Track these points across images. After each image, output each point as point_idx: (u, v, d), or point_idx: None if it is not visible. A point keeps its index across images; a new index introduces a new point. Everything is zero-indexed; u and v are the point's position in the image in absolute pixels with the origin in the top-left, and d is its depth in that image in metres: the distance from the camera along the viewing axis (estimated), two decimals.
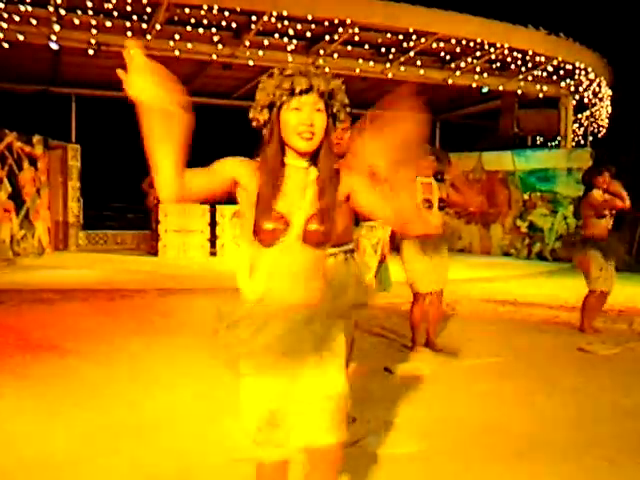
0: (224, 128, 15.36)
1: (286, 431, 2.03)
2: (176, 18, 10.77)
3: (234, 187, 2.01)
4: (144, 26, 10.78)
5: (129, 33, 10.76)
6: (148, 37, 10.86)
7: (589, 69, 14.15)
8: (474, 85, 13.89)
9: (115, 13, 10.51)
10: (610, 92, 16.11)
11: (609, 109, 16.90)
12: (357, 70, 12.47)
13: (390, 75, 12.93)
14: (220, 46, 11.41)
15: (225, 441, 3.43)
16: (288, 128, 1.95)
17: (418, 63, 12.89)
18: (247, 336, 1.94)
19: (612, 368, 5.22)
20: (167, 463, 3.21)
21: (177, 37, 11.08)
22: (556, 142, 16.04)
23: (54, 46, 10.72)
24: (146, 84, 1.82)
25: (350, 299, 2.08)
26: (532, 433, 3.73)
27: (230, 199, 2.08)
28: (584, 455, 3.40)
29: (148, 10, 10.38)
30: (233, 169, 1.99)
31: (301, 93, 1.93)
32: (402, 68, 12.87)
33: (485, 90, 14.26)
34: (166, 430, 3.66)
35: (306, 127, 1.93)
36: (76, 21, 10.38)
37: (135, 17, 10.66)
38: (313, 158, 2.01)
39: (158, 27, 10.65)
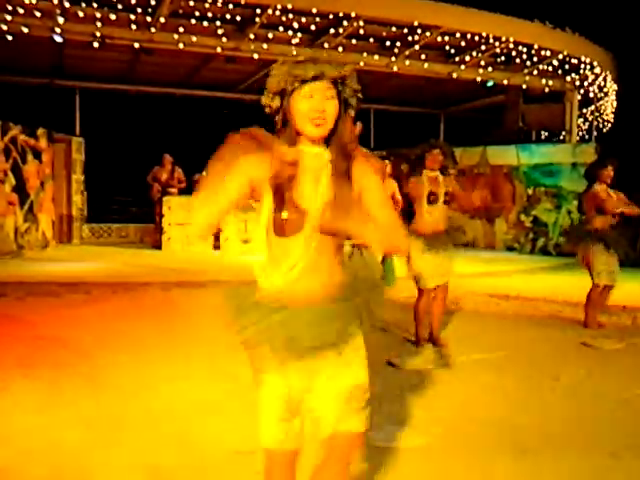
0: (228, 121, 15.37)
1: (306, 420, 2.04)
2: (180, 11, 10.77)
3: (253, 190, 2.00)
4: (148, 19, 10.76)
5: (133, 26, 10.75)
6: (152, 30, 10.86)
7: (594, 63, 14.10)
8: (479, 79, 13.86)
9: (119, 6, 10.51)
10: (615, 87, 16.05)
11: (614, 104, 16.84)
12: (362, 63, 12.43)
13: (395, 69, 12.90)
14: (224, 39, 11.39)
15: (228, 432, 3.45)
16: (300, 115, 1.95)
17: (423, 57, 12.86)
18: (268, 330, 1.94)
19: (616, 363, 5.22)
20: (168, 454, 3.22)
21: (181, 30, 11.06)
22: (561, 137, 15.99)
23: (58, 39, 10.71)
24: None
25: (369, 292, 2.07)
26: (536, 427, 3.73)
27: None
28: (588, 450, 3.40)
29: (152, 3, 10.38)
30: (247, 173, 1.98)
31: (312, 80, 1.93)
32: (407, 62, 12.84)
33: (490, 84, 14.21)
34: (168, 422, 3.67)
35: (318, 113, 1.93)
36: (80, 13, 10.38)
37: (139, 10, 10.65)
38: (326, 145, 2.01)
39: (162, 20, 10.65)
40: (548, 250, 13.74)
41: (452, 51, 13.00)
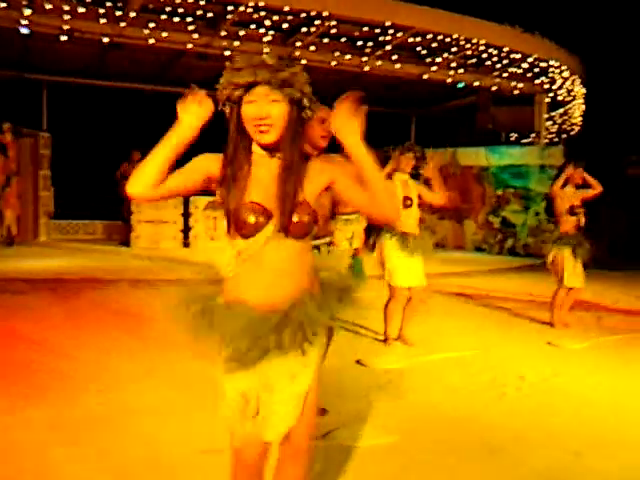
0: None
1: (265, 420, 2.04)
2: (151, 6, 10.61)
3: (209, 183, 2.00)
4: (118, 13, 10.60)
5: (103, 20, 10.58)
6: (122, 24, 10.68)
7: (563, 67, 14.29)
8: (450, 81, 13.94)
9: None
10: (583, 90, 16.29)
11: (582, 107, 17.10)
12: (333, 63, 12.42)
13: (366, 69, 12.91)
14: (195, 35, 11.27)
15: (194, 432, 3.42)
16: (246, 121, 1.95)
17: (394, 57, 12.87)
18: (233, 332, 1.93)
19: (581, 362, 5.29)
20: (135, 453, 3.19)
21: (152, 25, 10.90)
22: (530, 139, 16.18)
23: (24, 31, 10.49)
24: (197, 114, 1.93)
25: (335, 293, 2.08)
26: (502, 426, 3.76)
27: (204, 190, 2.06)
28: (552, 448, 3.44)
29: None
30: (205, 166, 1.99)
31: (252, 86, 1.91)
32: (378, 62, 12.85)
33: (461, 86, 14.32)
34: (135, 421, 3.63)
35: (261, 120, 1.92)
36: (48, 5, 10.17)
37: (109, 3, 10.49)
38: (278, 148, 1.98)
39: (133, 15, 10.48)
40: (516, 251, 13.89)
41: (423, 52, 13.06)
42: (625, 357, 5.45)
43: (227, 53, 11.57)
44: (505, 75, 14.22)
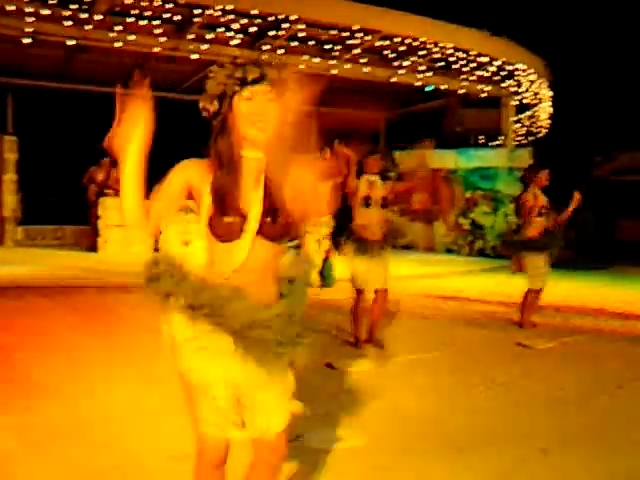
0: (170, 122, 15.11)
1: (240, 417, 2.03)
2: (117, 9, 10.50)
3: (190, 190, 1.99)
4: (84, 16, 10.45)
5: (67, 22, 10.42)
6: (87, 27, 10.54)
7: (530, 71, 14.48)
8: (418, 84, 14.03)
9: (53, 1, 10.15)
10: (550, 93, 16.52)
11: (549, 110, 17.34)
12: (301, 66, 12.43)
13: (335, 72, 12.92)
14: (163, 39, 11.18)
15: (162, 439, 3.38)
16: (241, 118, 1.93)
17: (362, 61, 12.92)
18: (224, 317, 1.90)
19: (548, 362, 5.35)
20: (102, 461, 3.15)
21: (118, 28, 10.79)
22: (498, 141, 16.35)
23: None
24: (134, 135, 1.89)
25: (306, 296, 2.09)
26: (471, 426, 3.78)
27: None
28: (519, 446, 3.47)
29: None
30: (185, 176, 1.98)
31: (253, 82, 1.91)
32: (346, 65, 12.89)
33: (429, 89, 14.42)
34: (102, 428, 3.59)
35: (259, 117, 1.92)
36: (10, 7, 9.98)
37: (74, 6, 10.32)
38: (268, 149, 1.98)
39: (98, 17, 10.35)
40: (485, 252, 14.01)
41: (391, 56, 13.13)
42: (591, 356, 5.53)
43: (195, 56, 11.51)
44: (472, 78, 14.37)
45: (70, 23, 10.43)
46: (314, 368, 4.82)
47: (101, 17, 10.39)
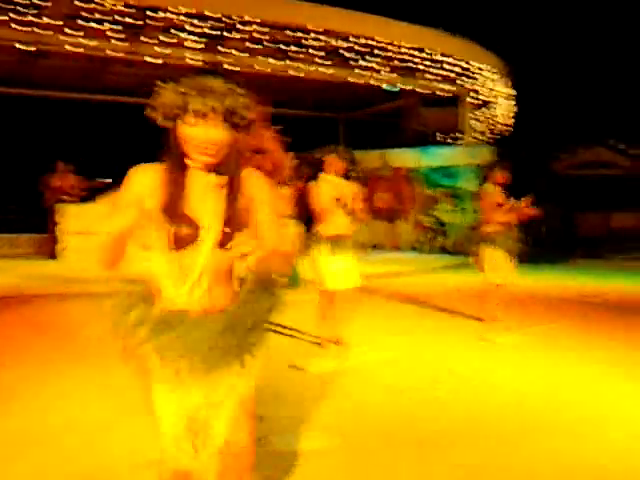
0: (129, 126, 14.90)
1: (203, 437, 2.01)
2: (68, 12, 10.25)
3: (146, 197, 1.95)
4: (34, 19, 10.19)
5: (16, 26, 10.13)
6: (38, 31, 10.29)
7: (486, 68, 14.66)
8: (375, 83, 14.07)
9: (6, 4, 9.88)
10: (507, 91, 16.76)
11: (507, 107, 17.58)
12: (257, 67, 12.36)
13: (292, 72, 12.88)
14: (117, 43, 10.97)
15: (130, 446, 3.33)
16: (185, 141, 1.90)
17: (319, 61, 12.90)
18: (161, 342, 1.90)
19: (510, 354, 5.41)
20: (71, 469, 3.11)
21: (70, 32, 10.55)
22: (458, 140, 16.52)
23: None
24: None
25: (265, 302, 2.06)
26: (434, 420, 3.81)
27: None
28: (483, 438, 3.50)
29: (36, 2, 9.83)
30: (137, 190, 1.94)
31: (194, 113, 1.86)
32: (302, 65, 12.84)
33: (387, 88, 14.49)
34: (70, 436, 3.54)
35: (204, 143, 1.88)
36: None
37: (23, 9, 10.06)
38: (218, 165, 1.96)
39: (49, 21, 10.10)
40: (448, 249, 14.13)
41: (348, 55, 13.15)
42: (551, 347, 5.61)
43: (153, 60, 11.36)
44: (430, 77, 14.46)
45: (19, 27, 10.17)
46: (280, 370, 4.80)
47: (51, 21, 10.14)
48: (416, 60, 13.51)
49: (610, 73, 23.93)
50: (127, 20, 10.68)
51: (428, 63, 13.74)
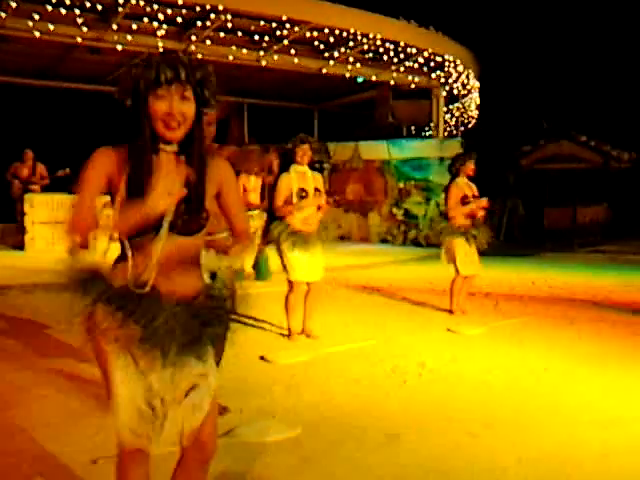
0: (95, 114, 14.67)
1: (162, 421, 1.99)
2: None
3: (109, 181, 1.96)
4: None
5: None
6: (2, 15, 10.05)
7: (458, 61, 14.71)
8: (348, 75, 14.05)
9: None
10: (478, 84, 16.87)
11: (477, 100, 17.71)
12: (230, 57, 12.25)
13: (264, 63, 12.81)
14: (85, 29, 10.78)
15: (84, 442, 3.29)
16: (154, 116, 1.91)
17: (292, 52, 12.83)
18: (122, 322, 1.88)
19: (478, 347, 5.46)
20: (25, 465, 3.03)
21: (37, 17, 10.32)
22: (429, 132, 16.60)
23: None
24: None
25: (228, 290, 2.07)
26: (402, 412, 3.83)
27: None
28: (449, 429, 3.53)
29: None
30: (102, 168, 1.94)
31: (166, 82, 1.88)
32: (276, 56, 12.76)
33: (360, 80, 14.48)
34: (25, 432, 3.46)
35: (172, 116, 1.90)
36: None
37: None
38: (184, 144, 1.98)
39: (14, 4, 9.86)
40: (419, 241, 14.21)
41: (321, 47, 13.10)
42: (519, 340, 5.67)
43: (120, 47, 11.19)
44: (402, 69, 14.49)
45: None
46: (247, 362, 4.79)
47: (16, 5, 9.87)
48: (389, 52, 13.50)
49: (576, 67, 24.25)
50: (96, 6, 10.48)
51: (401, 55, 13.74)
